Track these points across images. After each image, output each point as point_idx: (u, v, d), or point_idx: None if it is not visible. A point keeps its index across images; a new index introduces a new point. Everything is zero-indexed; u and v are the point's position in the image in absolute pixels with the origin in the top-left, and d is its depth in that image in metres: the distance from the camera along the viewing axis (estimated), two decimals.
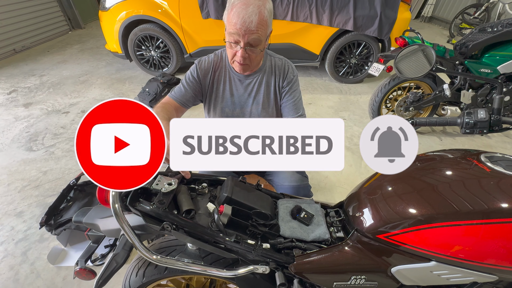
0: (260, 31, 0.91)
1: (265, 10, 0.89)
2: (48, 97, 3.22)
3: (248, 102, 1.15)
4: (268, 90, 1.13)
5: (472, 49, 2.13)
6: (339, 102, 3.21)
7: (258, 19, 0.88)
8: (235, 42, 0.93)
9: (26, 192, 1.95)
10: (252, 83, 1.12)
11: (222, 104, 1.16)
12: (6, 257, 1.54)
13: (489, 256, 0.58)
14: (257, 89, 1.13)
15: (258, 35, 0.91)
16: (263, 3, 0.89)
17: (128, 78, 3.67)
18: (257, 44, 0.94)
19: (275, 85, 1.13)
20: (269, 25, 0.94)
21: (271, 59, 1.13)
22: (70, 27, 5.63)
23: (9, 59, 4.22)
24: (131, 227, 0.61)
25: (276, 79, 1.12)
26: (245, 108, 1.16)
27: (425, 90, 2.41)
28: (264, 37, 0.95)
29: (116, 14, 3.26)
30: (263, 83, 1.12)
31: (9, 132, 2.60)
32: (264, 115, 1.15)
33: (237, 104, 1.15)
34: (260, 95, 1.13)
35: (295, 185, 1.16)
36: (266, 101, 1.14)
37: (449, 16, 6.08)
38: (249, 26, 0.88)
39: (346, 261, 0.70)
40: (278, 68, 1.12)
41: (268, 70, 1.12)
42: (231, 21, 0.90)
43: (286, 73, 1.12)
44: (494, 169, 0.65)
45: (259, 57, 1.02)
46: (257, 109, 1.15)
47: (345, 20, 3.05)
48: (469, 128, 0.78)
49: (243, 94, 1.14)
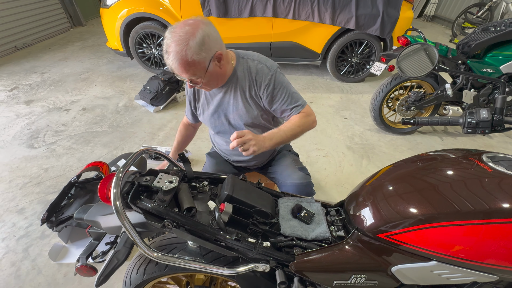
0: (189, 71, 0.89)
1: (187, 52, 0.84)
2: (49, 94, 3.22)
3: (229, 110, 1.13)
4: (243, 95, 1.09)
5: (474, 48, 2.12)
6: (340, 101, 3.20)
7: (179, 65, 0.86)
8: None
9: (27, 189, 1.96)
10: (227, 92, 1.10)
11: (209, 117, 1.18)
12: (8, 254, 1.55)
13: (490, 256, 0.58)
14: (234, 96, 1.10)
15: (189, 74, 0.90)
16: (185, 44, 0.84)
17: (129, 76, 3.67)
18: (197, 78, 0.93)
19: (250, 90, 1.08)
20: (200, 60, 0.88)
21: (244, 63, 1.07)
22: (71, 25, 5.63)
23: (11, 56, 4.23)
24: (132, 225, 0.61)
25: (251, 83, 1.07)
26: (229, 116, 1.14)
27: (426, 89, 2.40)
28: (199, 71, 0.91)
29: (117, 11, 3.26)
30: (238, 89, 1.08)
31: (10, 129, 2.60)
32: (247, 118, 1.12)
33: (221, 114, 1.15)
34: (239, 102, 1.10)
35: (297, 182, 1.17)
36: (247, 106, 1.10)
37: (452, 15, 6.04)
38: (176, 70, 0.89)
39: (347, 260, 0.70)
40: (251, 72, 1.06)
41: (240, 76, 1.06)
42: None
43: (261, 77, 1.05)
44: (496, 169, 0.65)
45: (212, 79, 0.98)
46: (239, 115, 1.12)
47: (347, 19, 3.04)
48: (471, 128, 0.77)
49: (222, 104, 1.13)
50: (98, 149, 2.37)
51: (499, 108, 0.75)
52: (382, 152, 2.40)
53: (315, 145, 2.46)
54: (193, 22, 0.88)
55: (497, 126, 0.75)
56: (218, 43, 0.93)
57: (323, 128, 2.71)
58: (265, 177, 1.42)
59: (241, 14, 3.09)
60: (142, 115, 2.86)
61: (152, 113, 2.89)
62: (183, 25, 0.87)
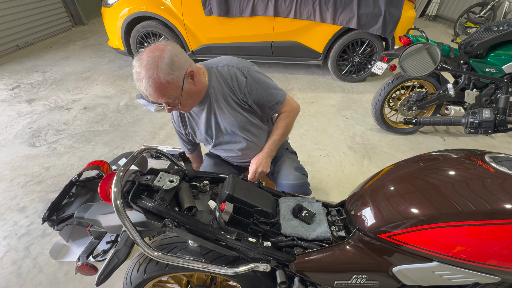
0: (165, 94, 0.88)
1: (159, 74, 0.83)
2: (51, 93, 3.23)
3: (218, 122, 1.12)
4: (226, 102, 1.07)
5: (477, 48, 2.11)
6: (341, 100, 3.20)
7: (154, 89, 0.85)
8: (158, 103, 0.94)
9: (28, 188, 1.96)
10: (210, 106, 1.09)
11: (203, 135, 1.18)
12: (9, 252, 1.55)
13: (492, 257, 0.58)
14: (218, 108, 1.08)
15: (165, 98, 0.89)
16: (155, 67, 0.83)
17: (131, 75, 3.65)
18: (173, 100, 0.92)
19: (231, 96, 1.07)
20: (174, 79, 0.87)
21: (216, 73, 1.06)
22: (73, 24, 5.63)
23: (12, 55, 4.24)
24: (132, 224, 0.61)
25: (230, 90, 1.06)
26: (220, 127, 1.13)
27: (428, 89, 2.39)
28: (175, 92, 0.90)
29: (119, 10, 3.26)
30: (219, 100, 1.07)
31: (12, 128, 2.61)
32: (238, 124, 1.11)
33: (212, 128, 1.14)
34: (224, 110, 1.08)
35: (293, 183, 1.17)
36: (233, 113, 1.09)
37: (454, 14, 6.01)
38: (150, 95, 0.87)
39: (347, 260, 0.70)
40: (226, 79, 1.05)
41: (216, 86, 1.05)
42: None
43: (237, 81, 1.05)
44: (498, 169, 0.65)
45: (189, 100, 0.97)
46: (230, 123, 1.11)
47: (348, 18, 3.03)
48: (474, 128, 0.77)
49: (209, 118, 1.12)
50: (99, 148, 2.37)
51: (502, 108, 0.75)
52: (384, 152, 2.39)
53: (316, 144, 2.46)
54: (158, 45, 0.88)
55: (500, 126, 0.74)
56: (188, 61, 0.93)
57: (324, 127, 2.70)
58: (265, 176, 1.42)
59: (242, 13, 3.09)
60: (143, 114, 2.87)
61: (153, 112, 2.90)
62: (148, 51, 0.86)
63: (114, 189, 0.60)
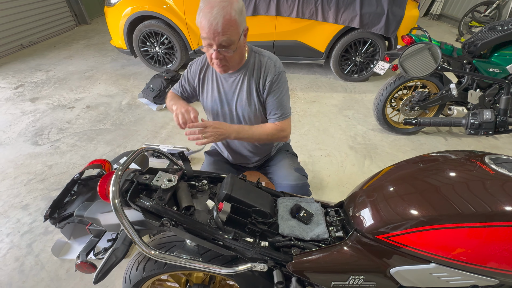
0: (229, 32, 0.90)
1: (231, 10, 0.87)
2: (54, 92, 3.26)
3: (233, 100, 1.14)
4: (249, 87, 1.11)
5: (481, 48, 2.09)
6: (343, 100, 3.18)
7: (224, 21, 0.87)
8: (209, 45, 0.94)
9: (31, 186, 1.98)
10: (236, 81, 1.11)
11: (211, 103, 1.17)
12: (12, 249, 1.57)
13: (490, 259, 0.57)
14: (240, 87, 1.11)
15: (227, 36, 0.90)
16: (229, 3, 0.88)
17: (133, 74, 3.69)
18: (229, 44, 0.93)
19: (256, 82, 1.10)
20: (239, 23, 0.92)
21: (256, 57, 1.11)
22: (76, 23, 5.67)
23: (17, 54, 4.28)
24: (130, 223, 0.61)
25: (258, 77, 1.10)
26: (231, 106, 1.15)
27: (431, 89, 2.37)
28: (235, 36, 0.93)
29: (121, 10, 3.28)
30: (245, 81, 1.10)
31: (16, 126, 2.64)
32: (249, 112, 1.14)
33: (224, 102, 1.15)
34: (243, 92, 1.11)
35: (293, 183, 1.17)
36: (249, 98, 1.12)
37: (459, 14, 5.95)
38: (216, 28, 0.87)
39: (345, 261, 0.70)
40: (261, 66, 1.09)
41: (251, 68, 1.10)
42: (200, 26, 0.91)
43: (267, 71, 1.08)
44: (498, 171, 0.64)
45: (236, 56, 1.01)
46: (241, 106, 1.14)
47: (351, 17, 3.01)
48: (474, 129, 0.76)
49: (229, 92, 1.14)
50: (101, 147, 2.39)
51: (503, 109, 0.74)
52: (385, 152, 2.38)
53: (317, 144, 2.45)
54: None
55: (500, 127, 0.74)
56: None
57: (326, 127, 2.70)
58: (265, 177, 1.42)
59: None
60: (145, 113, 2.88)
61: (155, 111, 2.91)
62: None
63: (112, 188, 0.60)
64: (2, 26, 4.11)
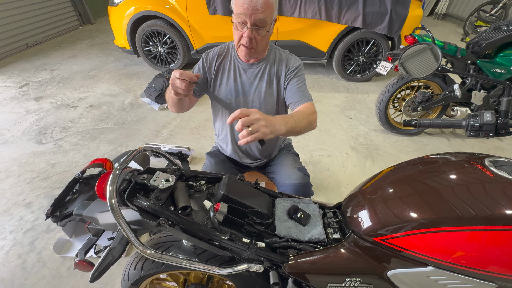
0: (266, 12, 0.93)
1: None
2: (58, 91, 3.29)
3: (251, 91, 1.15)
4: (270, 79, 1.13)
5: (485, 48, 2.06)
6: (345, 100, 3.17)
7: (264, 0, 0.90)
8: (242, 23, 0.95)
9: (35, 184, 2.01)
10: (255, 72, 1.13)
11: (226, 91, 1.17)
12: (15, 246, 1.59)
13: (489, 263, 0.57)
14: (260, 78, 1.13)
15: (264, 15, 0.93)
16: None
17: (136, 74, 3.71)
18: (263, 25, 0.95)
19: (277, 74, 1.12)
20: (274, 9, 0.96)
21: (276, 52, 1.15)
22: (80, 23, 5.72)
23: (22, 54, 4.33)
24: (127, 222, 0.61)
25: (279, 66, 1.12)
26: (248, 97, 1.16)
27: (434, 90, 2.35)
28: (270, 19, 0.96)
29: (125, 9, 3.30)
30: (266, 72, 1.12)
31: (20, 125, 2.67)
32: (265, 105, 1.16)
33: (240, 92, 1.16)
34: (263, 84, 1.13)
35: (296, 183, 1.16)
36: (268, 91, 1.14)
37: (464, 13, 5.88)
38: (256, 5, 0.90)
39: (341, 263, 0.70)
40: (282, 59, 1.13)
41: (271, 61, 1.13)
42: (238, 2, 0.93)
43: (290, 61, 1.12)
44: (497, 174, 0.63)
45: (264, 41, 1.02)
46: (259, 98, 1.15)
47: (354, 17, 2.99)
48: (474, 131, 0.75)
49: (246, 83, 1.15)
50: (103, 146, 2.41)
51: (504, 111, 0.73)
52: (387, 153, 2.36)
53: (319, 145, 2.44)
54: None
55: (501, 129, 0.73)
56: None
57: (327, 128, 2.68)
58: (265, 177, 1.42)
59: None
60: (147, 112, 2.90)
61: (157, 110, 2.92)
62: None
63: (109, 188, 0.61)
64: (8, 26, 4.16)
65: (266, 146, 1.29)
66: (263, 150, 1.31)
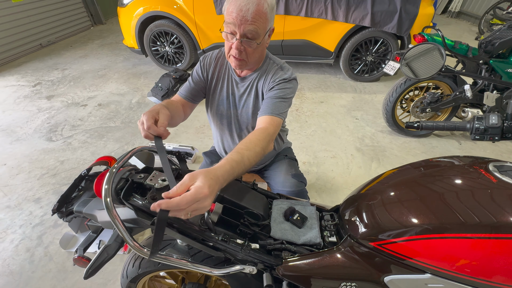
0: (257, 23, 0.85)
1: (264, 2, 0.84)
2: (69, 90, 3.38)
3: (240, 105, 1.11)
4: (256, 93, 1.07)
5: (499, 47, 1.98)
6: (352, 101, 3.12)
7: (255, 9, 0.83)
8: (231, 33, 0.89)
9: (44, 180, 2.07)
10: (245, 85, 1.07)
11: (218, 102, 1.14)
12: (24, 240, 1.65)
13: (487, 273, 0.54)
14: (249, 92, 1.07)
15: (255, 26, 0.85)
16: None
17: (144, 73, 3.77)
18: (254, 37, 0.88)
19: (263, 87, 1.05)
20: (269, 19, 0.88)
21: (270, 63, 1.06)
22: (92, 23, 5.87)
23: (36, 53, 4.48)
24: (122, 221, 0.62)
25: (265, 81, 1.04)
26: (237, 110, 1.12)
27: (444, 90, 2.28)
28: (262, 30, 0.88)
29: (133, 10, 3.35)
30: (254, 86, 1.06)
31: (32, 122, 2.76)
32: (253, 119, 1.09)
33: (231, 105, 1.12)
34: (251, 99, 1.07)
35: (290, 190, 1.14)
36: (255, 105, 1.08)
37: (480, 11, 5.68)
38: (245, 15, 0.83)
39: (336, 267, 0.68)
40: (270, 71, 1.04)
41: (261, 73, 1.05)
42: (228, 11, 0.86)
43: (276, 73, 1.02)
44: (501, 179, 0.60)
45: (256, 53, 0.95)
46: (247, 113, 1.10)
47: (362, 16, 2.94)
48: (479, 134, 0.72)
49: (237, 96, 1.10)
50: (110, 144, 2.46)
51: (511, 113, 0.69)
52: (394, 155, 2.31)
53: (323, 145, 2.41)
54: None
55: (508, 133, 0.69)
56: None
57: (333, 128, 2.65)
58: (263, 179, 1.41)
59: None
60: None
61: None
62: None
63: (104, 186, 0.61)
64: (23, 27, 4.31)
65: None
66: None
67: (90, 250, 1.12)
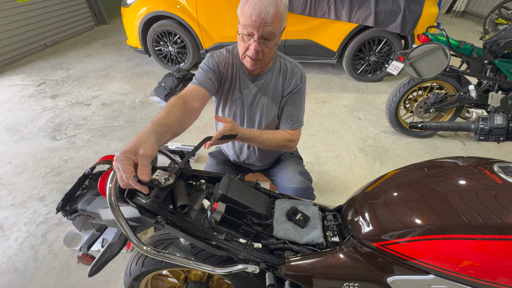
0: (275, 24, 0.87)
1: (281, 4, 0.87)
2: (73, 89, 3.41)
3: (254, 104, 1.12)
4: (274, 92, 1.09)
5: (504, 47, 1.96)
6: (355, 101, 3.10)
7: (274, 11, 0.85)
8: (249, 35, 0.90)
9: (48, 178, 2.09)
10: (259, 84, 1.09)
11: (230, 102, 1.13)
12: (28, 238, 1.67)
13: (492, 274, 0.54)
14: (264, 91, 1.09)
15: (273, 28, 0.87)
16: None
17: (147, 73, 3.79)
18: (272, 38, 0.90)
19: (281, 87, 1.09)
20: (284, 19, 0.91)
21: (281, 61, 1.09)
22: (96, 23, 5.90)
23: (41, 53, 4.52)
24: (125, 219, 0.63)
25: (283, 81, 1.08)
26: (251, 109, 1.13)
27: (448, 90, 2.26)
28: (278, 31, 0.91)
29: (137, 10, 3.37)
30: (270, 85, 1.08)
31: (36, 121, 2.79)
32: (267, 118, 1.13)
33: (244, 104, 1.13)
34: (266, 97, 1.09)
35: (297, 187, 1.15)
36: (270, 104, 1.10)
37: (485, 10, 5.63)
38: (265, 17, 0.85)
39: (339, 267, 0.68)
40: (287, 71, 1.08)
41: (277, 72, 1.08)
42: (246, 13, 0.87)
43: (294, 77, 1.07)
44: (506, 180, 0.60)
45: (271, 52, 0.97)
46: (261, 111, 1.12)
47: (365, 16, 2.93)
48: (484, 134, 0.72)
49: (250, 95, 1.11)
50: (113, 143, 2.48)
51: None
52: (397, 156, 2.30)
53: (326, 146, 2.41)
54: None
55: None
56: None
57: (336, 128, 2.64)
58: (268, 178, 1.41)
59: None
60: (156, 111, 2.95)
61: None
62: None
63: (109, 185, 0.62)
64: (28, 27, 4.35)
65: (266, 154, 1.27)
66: (263, 159, 1.28)
67: (94, 248, 1.14)
